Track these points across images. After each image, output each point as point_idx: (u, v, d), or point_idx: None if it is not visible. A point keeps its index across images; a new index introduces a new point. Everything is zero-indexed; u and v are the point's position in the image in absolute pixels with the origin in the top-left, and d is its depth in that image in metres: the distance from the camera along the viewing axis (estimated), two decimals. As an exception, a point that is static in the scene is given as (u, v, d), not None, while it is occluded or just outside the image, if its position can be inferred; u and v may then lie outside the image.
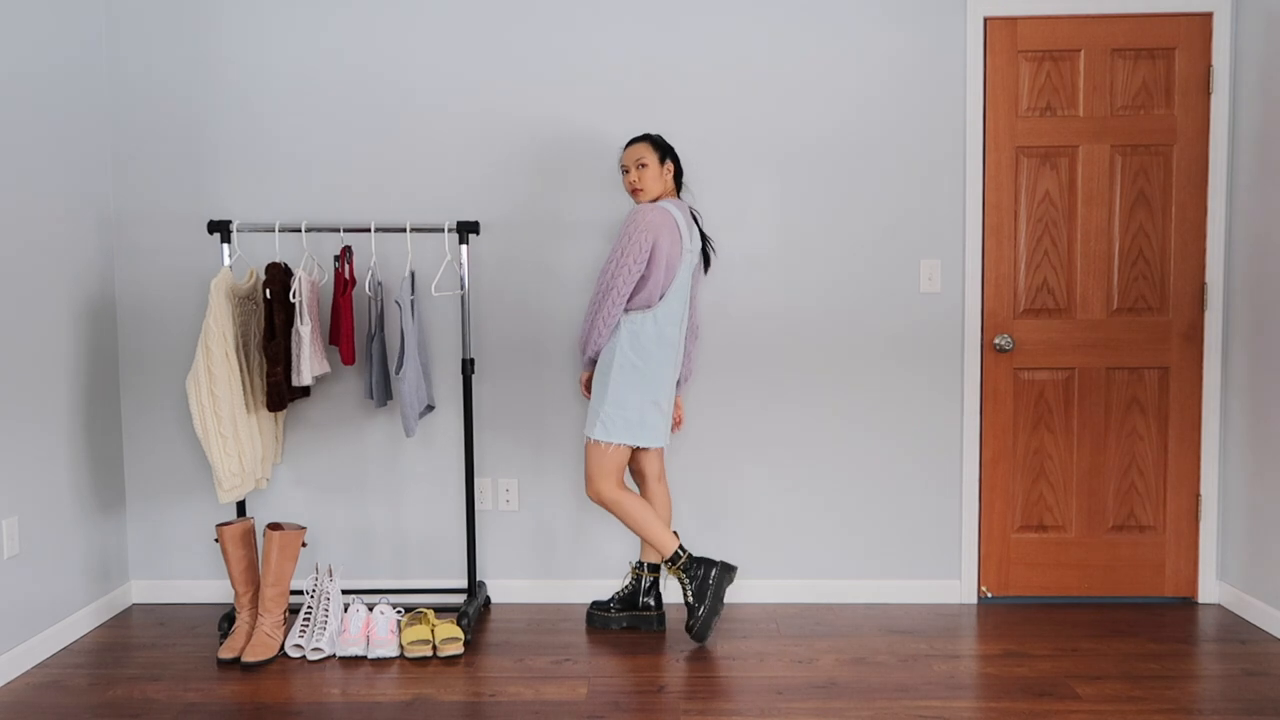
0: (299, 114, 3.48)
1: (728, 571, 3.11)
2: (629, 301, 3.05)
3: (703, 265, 3.26)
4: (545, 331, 3.52)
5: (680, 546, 3.11)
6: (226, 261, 3.24)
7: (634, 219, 2.98)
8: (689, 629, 3.10)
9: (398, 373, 3.10)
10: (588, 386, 3.26)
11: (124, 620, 3.43)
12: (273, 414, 3.36)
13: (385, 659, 3.05)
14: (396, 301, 3.10)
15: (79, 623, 3.26)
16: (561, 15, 3.45)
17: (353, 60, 3.46)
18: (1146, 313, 3.48)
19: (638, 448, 3.17)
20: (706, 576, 3.10)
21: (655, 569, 3.30)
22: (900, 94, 3.44)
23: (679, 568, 3.11)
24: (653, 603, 3.30)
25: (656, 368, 3.06)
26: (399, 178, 3.49)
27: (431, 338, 3.51)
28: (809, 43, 3.44)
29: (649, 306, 3.04)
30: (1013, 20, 3.41)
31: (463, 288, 3.31)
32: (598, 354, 3.12)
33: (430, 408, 3.46)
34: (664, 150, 3.11)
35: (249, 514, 3.55)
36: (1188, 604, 3.53)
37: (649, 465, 3.27)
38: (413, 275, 3.32)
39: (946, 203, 3.46)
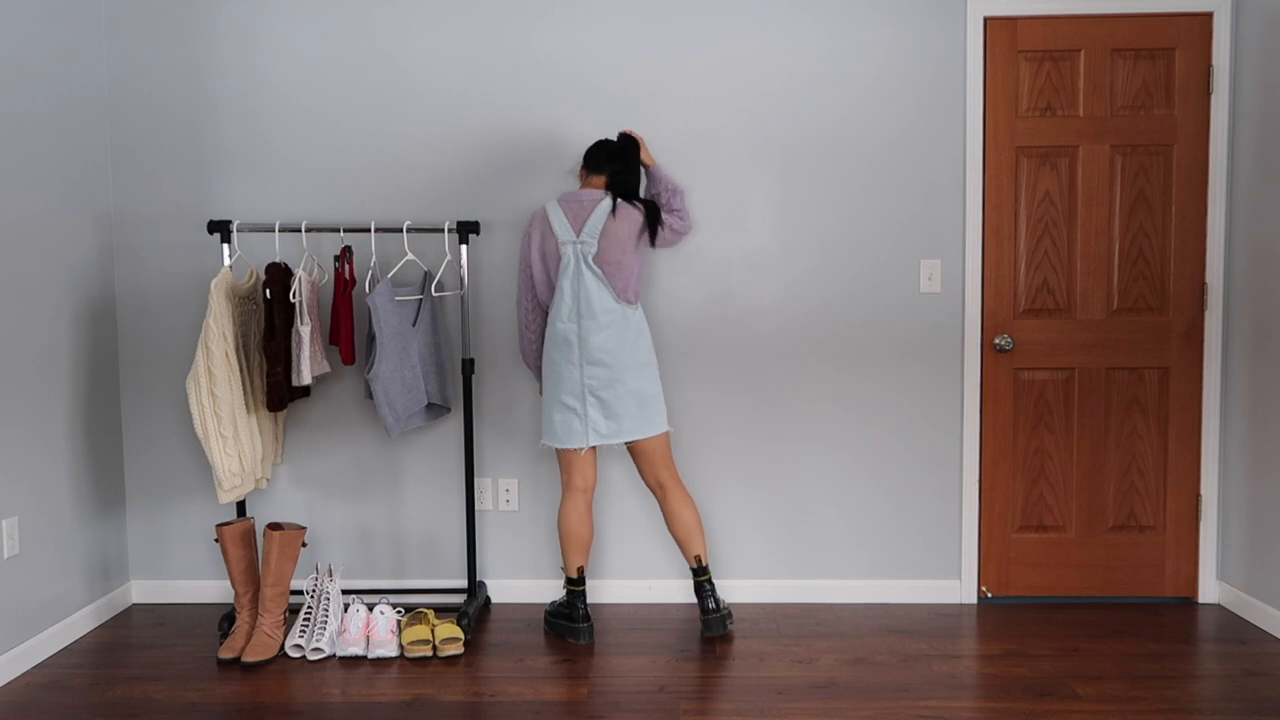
0: (299, 114, 3.48)
1: (577, 637, 3.16)
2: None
3: (649, 237, 3.12)
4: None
5: (570, 579, 3.19)
6: (226, 261, 3.24)
7: None
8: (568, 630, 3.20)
9: (368, 372, 3.09)
10: None
11: (124, 620, 3.43)
12: (273, 414, 3.36)
13: (385, 659, 3.05)
14: (369, 303, 3.07)
15: (79, 623, 3.26)
16: (561, 15, 3.44)
17: (353, 60, 3.46)
18: (1146, 313, 3.48)
19: (574, 449, 3.12)
20: (567, 618, 3.18)
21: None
22: (900, 94, 3.44)
23: (565, 592, 3.22)
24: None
25: (555, 367, 3.09)
26: (399, 178, 3.49)
27: (440, 339, 3.50)
28: (808, 42, 3.44)
29: (548, 307, 3.15)
30: (1013, 20, 3.41)
31: (463, 288, 3.31)
32: (529, 365, 3.25)
33: (439, 408, 3.43)
34: (585, 162, 3.17)
35: (249, 514, 3.55)
36: (1188, 604, 3.53)
37: (648, 475, 3.22)
38: (426, 274, 3.32)
39: (946, 203, 3.46)
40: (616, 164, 3.12)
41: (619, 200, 3.08)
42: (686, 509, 3.19)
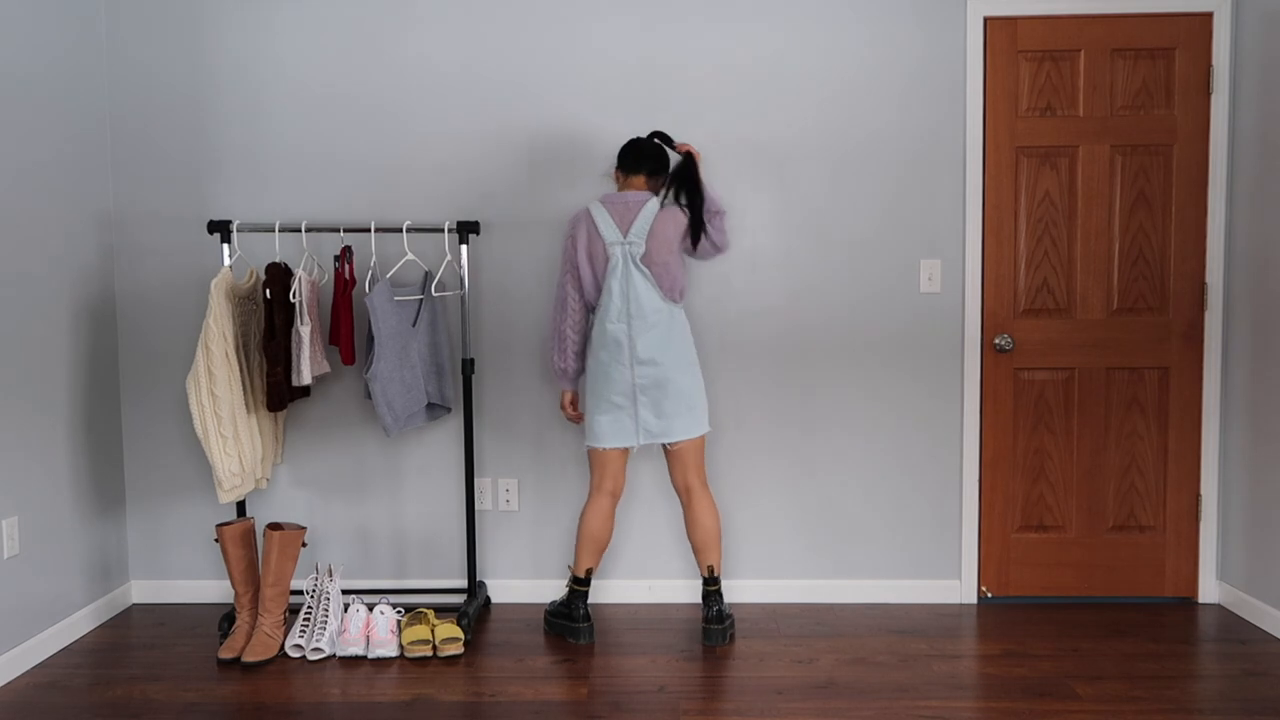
0: (299, 114, 3.48)
1: (578, 636, 3.16)
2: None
3: (690, 240, 3.13)
4: (545, 331, 3.52)
5: (577, 579, 3.19)
6: (226, 261, 3.24)
7: None
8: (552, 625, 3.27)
9: (367, 372, 3.08)
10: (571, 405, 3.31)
11: (124, 620, 3.43)
12: (273, 414, 3.36)
13: (385, 659, 3.05)
14: (367, 303, 3.07)
15: (79, 623, 3.26)
16: (562, 14, 3.44)
17: (353, 59, 3.46)
18: (1146, 313, 3.48)
19: (614, 450, 3.13)
20: (567, 617, 3.19)
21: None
22: (900, 94, 3.44)
23: (567, 591, 3.24)
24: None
25: (603, 367, 3.07)
26: (399, 178, 3.49)
27: (440, 339, 3.50)
28: (808, 42, 3.44)
29: (594, 307, 3.12)
30: (1013, 20, 3.41)
31: (463, 288, 3.31)
32: (562, 370, 3.18)
33: (439, 408, 3.42)
34: (620, 164, 3.17)
35: (249, 514, 3.55)
36: (1188, 604, 3.53)
37: (678, 477, 3.20)
38: (426, 275, 3.32)
39: (946, 203, 3.46)
40: (651, 162, 3.14)
41: (664, 201, 3.12)
42: (709, 516, 3.17)
